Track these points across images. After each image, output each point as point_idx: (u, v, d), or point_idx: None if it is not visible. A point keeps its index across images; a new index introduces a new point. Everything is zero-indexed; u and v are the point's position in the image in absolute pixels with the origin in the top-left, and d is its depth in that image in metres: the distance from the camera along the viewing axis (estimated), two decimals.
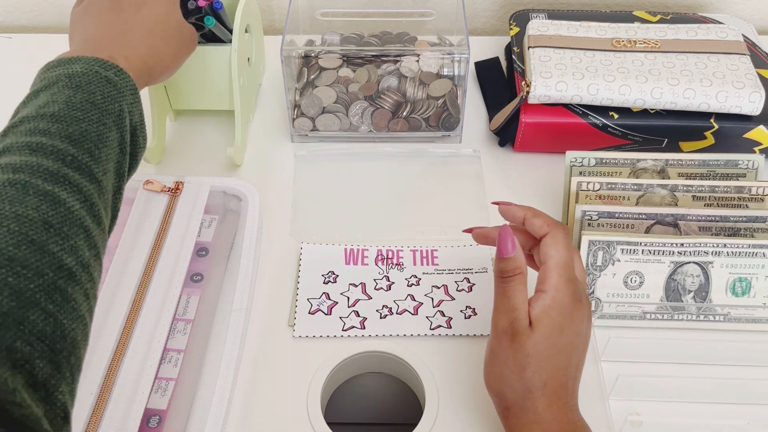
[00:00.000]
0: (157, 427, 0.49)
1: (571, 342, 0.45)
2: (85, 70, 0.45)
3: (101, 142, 0.43)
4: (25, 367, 0.33)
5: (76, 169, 0.41)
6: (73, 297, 0.37)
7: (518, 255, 0.47)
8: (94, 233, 0.41)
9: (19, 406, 0.31)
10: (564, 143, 0.66)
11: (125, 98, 0.46)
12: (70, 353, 0.36)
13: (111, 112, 0.45)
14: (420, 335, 0.57)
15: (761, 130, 0.66)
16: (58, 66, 0.46)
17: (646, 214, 0.57)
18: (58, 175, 0.40)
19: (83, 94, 0.44)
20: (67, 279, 0.37)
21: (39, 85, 0.45)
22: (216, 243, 0.60)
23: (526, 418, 0.45)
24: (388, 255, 0.62)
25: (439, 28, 0.77)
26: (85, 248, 0.39)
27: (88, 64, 0.46)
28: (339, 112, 0.70)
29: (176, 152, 0.71)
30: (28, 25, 0.91)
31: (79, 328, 0.37)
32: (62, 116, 0.42)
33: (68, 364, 0.36)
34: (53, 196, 0.39)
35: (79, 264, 0.38)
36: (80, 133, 0.42)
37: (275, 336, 0.57)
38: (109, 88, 0.46)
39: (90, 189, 0.41)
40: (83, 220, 0.40)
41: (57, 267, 0.37)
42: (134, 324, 0.52)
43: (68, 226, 0.39)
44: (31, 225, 0.37)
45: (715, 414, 0.52)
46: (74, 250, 0.38)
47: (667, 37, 0.69)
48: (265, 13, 0.89)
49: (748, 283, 0.55)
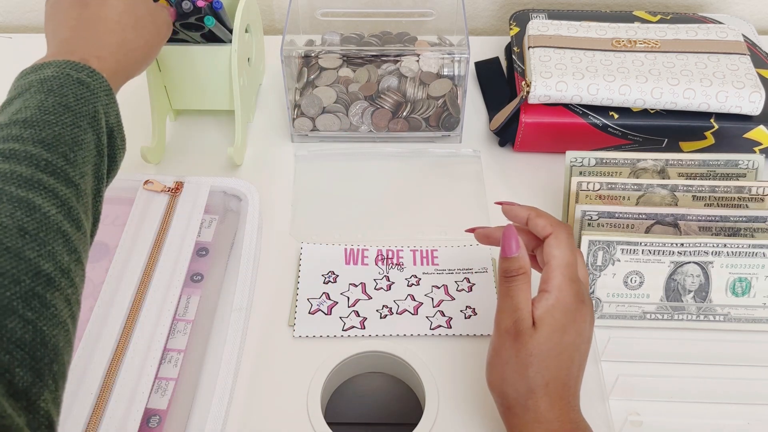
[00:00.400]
0: (157, 427, 0.49)
1: (573, 342, 0.45)
2: (56, 74, 0.44)
3: (76, 145, 0.42)
4: (4, 376, 0.32)
5: (51, 173, 0.40)
6: (52, 303, 0.36)
7: (522, 255, 0.47)
8: (73, 238, 0.40)
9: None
10: (564, 143, 0.66)
11: (99, 99, 0.45)
12: (52, 360, 0.35)
13: (85, 114, 0.44)
14: (420, 335, 0.57)
15: (761, 130, 0.66)
16: (30, 72, 0.45)
17: (646, 214, 0.57)
18: (32, 180, 0.39)
19: (55, 97, 0.43)
20: (45, 285, 0.36)
21: (12, 93, 0.44)
22: (216, 243, 0.60)
23: (527, 417, 0.45)
24: (388, 255, 0.62)
25: (439, 28, 0.77)
26: (64, 253, 0.38)
27: (60, 68, 0.45)
28: (339, 112, 0.70)
29: (176, 152, 0.71)
30: (28, 25, 0.91)
31: (60, 335, 0.36)
32: (34, 121, 0.41)
33: (50, 371, 0.35)
34: (27, 201, 0.38)
35: (57, 269, 0.37)
36: (54, 137, 0.41)
37: (275, 336, 0.57)
38: (82, 89, 0.45)
39: (66, 193, 0.40)
40: (60, 224, 0.39)
41: (34, 273, 0.36)
42: (134, 324, 0.52)
43: (45, 231, 0.38)
44: (5, 232, 0.36)
45: (715, 414, 0.52)
46: (52, 256, 0.37)
47: (667, 37, 0.69)
48: (265, 13, 0.89)
49: (748, 283, 0.55)
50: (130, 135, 0.70)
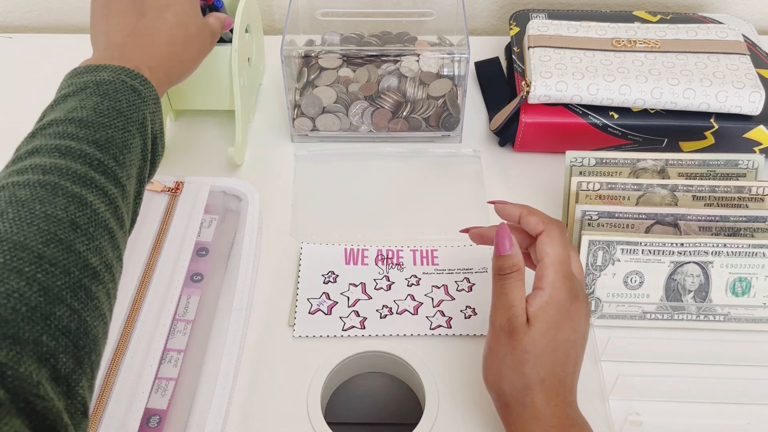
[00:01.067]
0: (157, 427, 0.49)
1: (568, 338, 0.46)
2: (112, 79, 0.47)
3: (125, 149, 0.45)
4: (49, 361, 0.34)
5: (102, 173, 0.42)
6: (96, 296, 0.38)
7: (515, 252, 0.47)
8: (117, 235, 0.42)
9: (42, 398, 0.32)
10: (564, 143, 0.67)
11: (148, 107, 0.48)
12: (91, 350, 0.37)
13: (135, 120, 0.46)
14: (420, 335, 0.57)
15: (761, 130, 0.66)
16: (85, 73, 0.47)
17: (646, 214, 0.57)
18: (85, 178, 0.41)
19: (110, 101, 0.46)
20: (91, 278, 0.38)
21: (67, 90, 0.46)
22: (216, 243, 0.60)
23: (524, 413, 0.45)
24: (388, 255, 0.62)
25: (439, 28, 0.77)
26: (109, 249, 0.41)
27: (115, 73, 0.47)
28: (339, 112, 0.70)
29: (176, 152, 0.71)
30: (28, 25, 0.91)
31: (100, 326, 0.39)
32: (90, 122, 0.44)
33: (89, 360, 0.37)
34: (81, 197, 0.40)
35: (102, 264, 0.40)
36: (106, 139, 0.44)
37: (275, 336, 0.57)
38: (134, 97, 0.47)
39: (114, 192, 0.43)
40: (108, 222, 0.41)
41: (83, 266, 0.38)
42: (134, 324, 0.52)
43: (94, 227, 0.40)
44: (59, 225, 0.38)
45: (715, 414, 0.52)
46: (99, 251, 0.40)
47: (667, 37, 0.69)
48: (265, 13, 0.89)
49: (748, 282, 0.55)
50: None
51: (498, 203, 0.52)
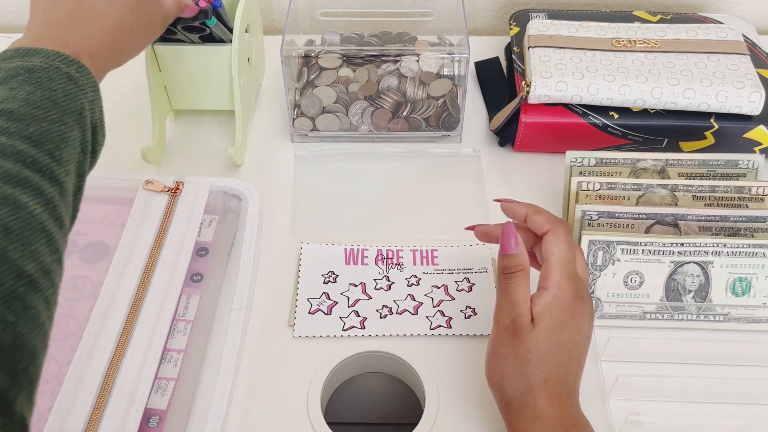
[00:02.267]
0: (157, 427, 0.49)
1: (572, 339, 0.45)
2: (45, 65, 0.42)
3: (62, 143, 0.41)
4: None
5: (37, 171, 0.38)
6: (33, 305, 0.35)
7: (521, 252, 0.47)
8: (56, 236, 0.38)
9: None
10: (564, 143, 0.66)
11: (86, 95, 0.44)
12: (29, 363, 0.34)
13: (72, 111, 0.42)
14: (420, 335, 0.57)
15: (761, 130, 0.66)
16: (15, 57, 0.43)
17: (646, 214, 0.57)
18: (18, 177, 0.37)
19: (43, 91, 0.41)
20: (27, 287, 0.35)
21: None
22: (216, 243, 0.60)
23: (527, 413, 0.45)
24: (388, 255, 0.62)
25: (439, 28, 0.77)
26: (47, 253, 0.37)
27: (49, 59, 0.43)
28: (339, 112, 0.70)
29: (176, 152, 0.71)
30: None
31: (38, 337, 0.35)
32: (22, 114, 0.40)
33: (27, 374, 0.34)
34: (13, 199, 0.36)
35: (40, 270, 0.36)
36: (40, 133, 0.40)
37: (275, 336, 0.57)
38: (70, 85, 0.43)
39: (51, 191, 0.39)
40: (45, 224, 0.37)
41: (17, 275, 0.34)
42: (134, 324, 0.52)
43: (29, 231, 0.36)
44: None
45: (715, 414, 0.52)
46: (35, 257, 0.36)
47: (667, 37, 0.69)
48: (265, 13, 0.89)
49: (748, 282, 0.55)
50: (130, 135, 0.71)
51: (504, 201, 0.52)
